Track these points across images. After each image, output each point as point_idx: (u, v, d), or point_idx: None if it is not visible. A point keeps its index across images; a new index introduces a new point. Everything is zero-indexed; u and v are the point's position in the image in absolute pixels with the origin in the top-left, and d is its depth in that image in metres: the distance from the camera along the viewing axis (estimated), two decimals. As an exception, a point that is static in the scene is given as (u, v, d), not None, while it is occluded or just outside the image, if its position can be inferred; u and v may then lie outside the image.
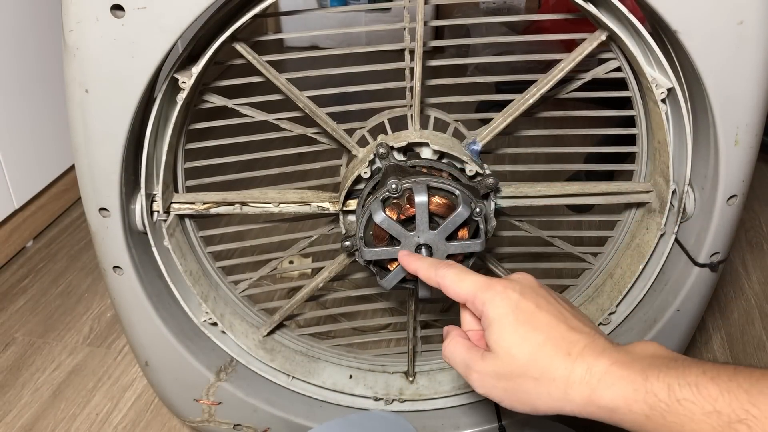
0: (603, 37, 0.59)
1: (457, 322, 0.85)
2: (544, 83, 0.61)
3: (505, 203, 0.66)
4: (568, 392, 0.43)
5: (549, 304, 0.47)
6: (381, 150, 0.61)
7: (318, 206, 0.66)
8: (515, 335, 0.45)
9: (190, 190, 0.69)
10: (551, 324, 0.45)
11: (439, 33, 2.05)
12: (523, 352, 0.45)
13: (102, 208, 0.61)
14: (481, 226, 0.59)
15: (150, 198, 0.64)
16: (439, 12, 2.06)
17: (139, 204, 0.63)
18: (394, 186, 0.57)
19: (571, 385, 0.42)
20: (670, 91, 0.59)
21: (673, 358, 0.42)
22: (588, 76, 0.64)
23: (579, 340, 0.44)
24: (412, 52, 0.61)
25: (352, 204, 0.65)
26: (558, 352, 0.44)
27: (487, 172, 0.62)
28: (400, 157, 0.64)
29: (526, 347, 0.45)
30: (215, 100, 0.64)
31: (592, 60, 0.63)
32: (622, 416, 0.41)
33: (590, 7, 0.57)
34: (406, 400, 0.78)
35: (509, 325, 0.46)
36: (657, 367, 0.40)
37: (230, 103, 0.64)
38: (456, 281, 0.49)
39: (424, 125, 0.64)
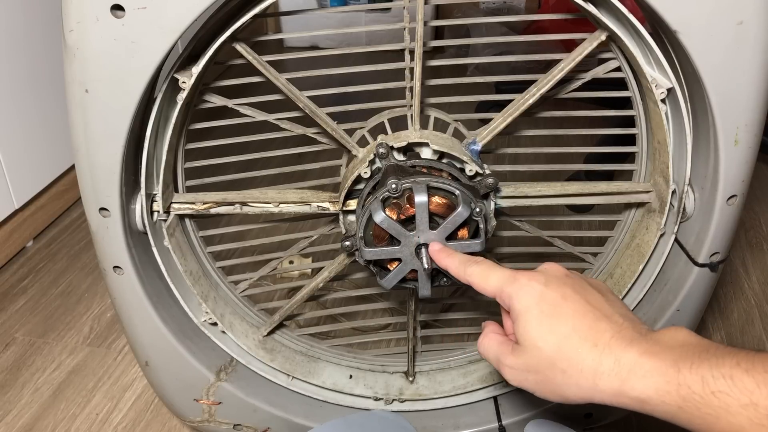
0: (603, 37, 0.59)
1: (457, 322, 0.85)
2: (544, 83, 0.61)
3: (505, 203, 0.66)
4: (597, 383, 0.42)
5: (575, 293, 0.46)
6: (381, 150, 0.61)
7: (318, 206, 0.66)
8: (541, 328, 0.45)
9: (190, 190, 0.69)
10: (576, 314, 0.45)
11: (439, 33, 2.05)
12: (549, 345, 0.44)
13: (102, 208, 0.61)
14: (481, 225, 0.59)
15: (150, 198, 0.64)
16: (439, 12, 2.06)
17: (139, 204, 0.63)
18: (394, 186, 0.57)
19: (599, 377, 0.42)
20: (670, 91, 0.59)
21: (704, 347, 0.41)
22: (588, 76, 0.64)
23: (606, 330, 0.44)
24: (412, 52, 0.61)
25: (352, 204, 0.65)
26: (584, 344, 0.43)
27: (487, 172, 0.62)
28: (400, 157, 0.64)
29: (551, 339, 0.44)
30: (215, 100, 0.64)
31: (592, 60, 0.63)
32: (653, 407, 0.41)
33: (590, 7, 0.57)
34: (406, 400, 0.78)
35: (534, 318, 0.45)
36: (689, 358, 0.40)
37: (230, 103, 0.64)
38: (483, 278, 0.49)
39: (424, 125, 0.64)
